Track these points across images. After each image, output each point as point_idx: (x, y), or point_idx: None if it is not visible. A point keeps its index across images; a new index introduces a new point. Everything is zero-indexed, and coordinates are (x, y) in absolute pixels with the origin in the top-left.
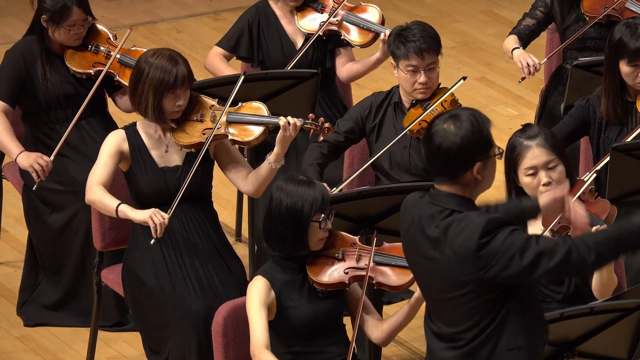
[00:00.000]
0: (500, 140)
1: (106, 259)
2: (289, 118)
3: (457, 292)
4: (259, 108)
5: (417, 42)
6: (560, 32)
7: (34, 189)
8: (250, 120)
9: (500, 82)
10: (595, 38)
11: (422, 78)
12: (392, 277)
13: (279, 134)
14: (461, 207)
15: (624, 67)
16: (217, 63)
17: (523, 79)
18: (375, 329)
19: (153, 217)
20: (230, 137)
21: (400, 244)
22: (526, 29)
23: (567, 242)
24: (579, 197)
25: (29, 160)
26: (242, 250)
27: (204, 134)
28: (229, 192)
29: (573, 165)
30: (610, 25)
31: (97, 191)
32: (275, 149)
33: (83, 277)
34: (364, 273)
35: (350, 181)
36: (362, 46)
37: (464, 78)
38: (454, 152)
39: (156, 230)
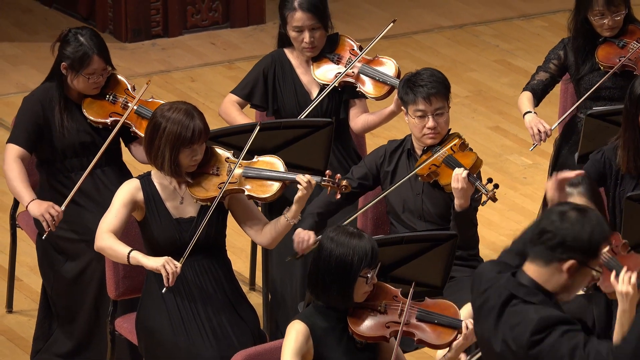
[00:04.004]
0: (514, 189)
1: (120, 307)
2: (307, 176)
3: None
4: (275, 163)
5: (424, 87)
6: (575, 82)
7: (43, 237)
8: (267, 175)
9: (514, 131)
10: (609, 87)
11: (430, 123)
12: (433, 335)
13: (299, 193)
14: (543, 304)
15: None
16: (230, 111)
17: (535, 146)
18: None
19: (166, 265)
20: (247, 192)
21: (443, 301)
22: (540, 84)
23: (611, 352)
24: (611, 249)
25: (40, 209)
26: (255, 299)
27: (220, 187)
28: (243, 241)
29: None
30: (625, 74)
31: (107, 238)
32: (294, 207)
33: (97, 326)
34: (405, 329)
35: (365, 226)
36: (378, 99)
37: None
38: (559, 237)
39: (168, 279)
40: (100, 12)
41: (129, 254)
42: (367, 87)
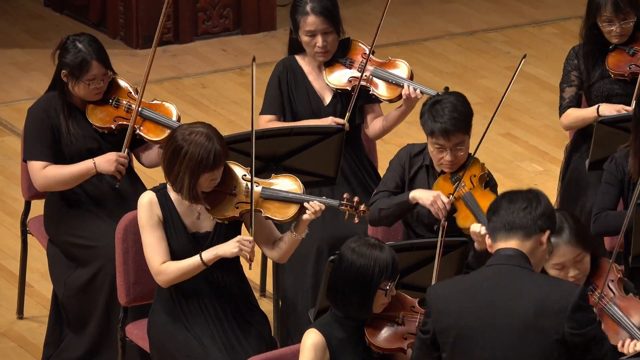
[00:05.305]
0: None
1: (131, 313)
2: (316, 204)
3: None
4: (293, 185)
5: (444, 124)
6: (586, 89)
7: (117, 186)
8: (285, 197)
9: (525, 137)
10: (620, 95)
11: (447, 157)
12: None
13: (307, 216)
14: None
15: None
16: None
17: None
18: None
19: (242, 246)
20: (264, 213)
21: None
22: (572, 101)
23: None
24: (608, 285)
25: (111, 164)
26: (266, 306)
27: (237, 207)
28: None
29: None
30: (635, 82)
31: (168, 269)
32: (301, 223)
33: (107, 332)
34: None
35: (376, 230)
36: (391, 101)
37: (525, 56)
38: (541, 208)
39: (248, 257)
40: (111, 18)
41: (201, 260)
42: (381, 89)
